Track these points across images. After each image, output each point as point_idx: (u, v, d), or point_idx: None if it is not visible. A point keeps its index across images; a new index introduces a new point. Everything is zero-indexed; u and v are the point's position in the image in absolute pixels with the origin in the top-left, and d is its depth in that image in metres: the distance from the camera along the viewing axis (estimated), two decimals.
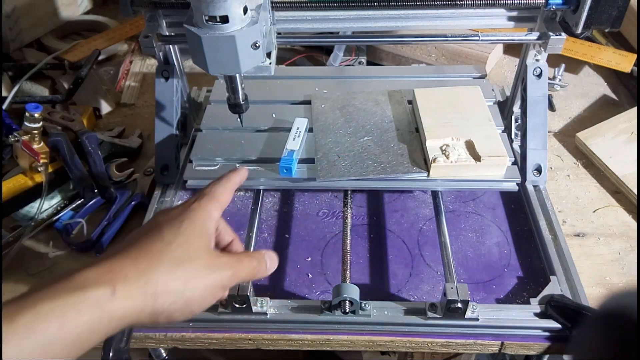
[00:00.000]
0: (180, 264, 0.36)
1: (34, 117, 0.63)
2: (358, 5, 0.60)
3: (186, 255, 0.36)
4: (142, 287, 0.33)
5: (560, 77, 0.86)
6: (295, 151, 0.63)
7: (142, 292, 0.33)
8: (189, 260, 0.36)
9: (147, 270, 0.34)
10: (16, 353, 0.28)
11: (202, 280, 0.37)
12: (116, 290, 0.32)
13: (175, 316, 0.36)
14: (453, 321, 0.51)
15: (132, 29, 0.97)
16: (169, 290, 0.35)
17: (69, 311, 0.30)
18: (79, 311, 0.30)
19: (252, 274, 0.41)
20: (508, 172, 0.61)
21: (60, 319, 0.30)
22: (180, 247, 0.36)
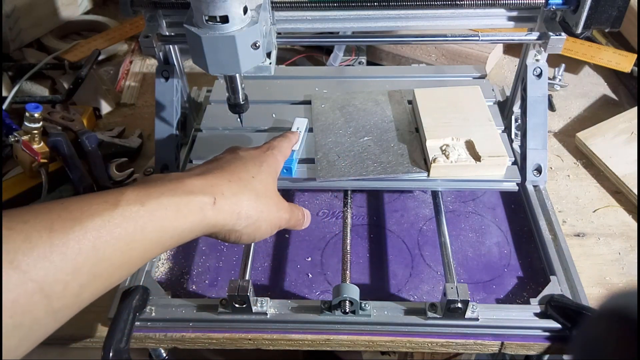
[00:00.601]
0: (260, 197, 0.43)
1: (34, 117, 0.63)
2: (358, 5, 0.60)
3: (264, 191, 0.44)
4: (232, 205, 0.40)
5: (560, 77, 0.86)
6: (296, 151, 0.63)
7: (232, 209, 0.40)
8: (265, 196, 0.43)
9: (237, 193, 0.41)
10: (139, 230, 0.34)
11: (271, 214, 0.44)
12: (216, 202, 0.39)
13: (244, 239, 0.42)
14: (453, 321, 0.51)
15: (132, 29, 0.97)
16: (248, 215, 0.41)
17: (182, 208, 0.37)
18: (190, 210, 0.37)
19: (298, 224, 0.49)
20: (508, 172, 0.61)
21: (176, 213, 0.36)
22: (261, 184, 0.44)
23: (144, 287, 0.53)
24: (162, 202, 0.36)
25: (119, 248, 0.33)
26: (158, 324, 0.53)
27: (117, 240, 0.33)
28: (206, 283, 0.58)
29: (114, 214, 0.33)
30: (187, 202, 0.37)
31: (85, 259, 0.31)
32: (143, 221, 0.34)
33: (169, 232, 0.36)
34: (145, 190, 0.36)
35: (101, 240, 0.32)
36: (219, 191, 0.40)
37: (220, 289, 0.58)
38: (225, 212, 0.39)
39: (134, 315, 0.50)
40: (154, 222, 0.35)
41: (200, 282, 0.58)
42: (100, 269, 0.32)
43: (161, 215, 0.35)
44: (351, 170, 0.61)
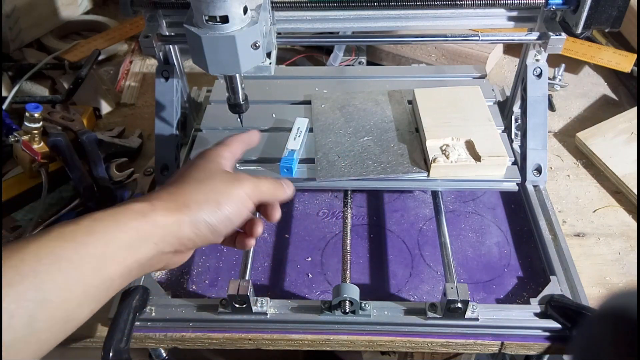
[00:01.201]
0: (203, 181, 0.42)
1: (34, 117, 0.63)
2: (358, 5, 0.59)
3: (205, 176, 0.43)
4: (174, 200, 0.40)
5: (560, 77, 0.86)
6: (296, 151, 0.63)
7: (174, 203, 0.39)
8: (209, 177, 0.42)
9: (176, 191, 0.41)
10: (82, 253, 0.33)
11: (225, 189, 0.42)
12: (154, 204, 0.38)
13: (216, 226, 0.40)
14: (453, 321, 0.51)
15: (132, 29, 0.97)
16: (197, 200, 0.40)
17: (120, 218, 0.36)
18: (128, 217, 0.36)
19: (273, 189, 0.46)
20: (508, 172, 0.61)
21: (114, 223, 0.36)
22: (200, 171, 0.43)
23: (144, 287, 0.53)
24: (95, 219, 0.36)
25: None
26: (158, 324, 0.53)
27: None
28: (206, 283, 0.58)
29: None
30: (123, 210, 0.37)
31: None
32: (79, 248, 0.34)
33: (114, 247, 0.35)
34: (74, 221, 0.35)
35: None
36: (155, 197, 0.40)
37: (220, 289, 0.58)
38: (170, 208, 0.39)
39: (134, 315, 0.50)
40: (93, 245, 0.35)
41: (200, 282, 0.58)
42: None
43: (100, 229, 0.36)
44: (351, 170, 0.61)
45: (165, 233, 0.38)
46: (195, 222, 0.39)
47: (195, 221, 0.39)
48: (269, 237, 0.63)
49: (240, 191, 0.42)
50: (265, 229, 0.64)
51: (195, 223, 0.39)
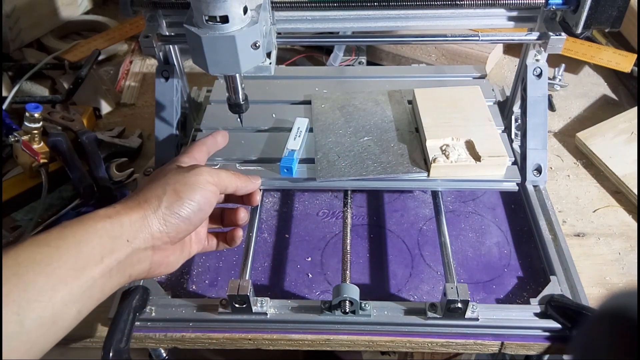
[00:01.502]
0: (159, 179, 0.43)
1: (34, 117, 0.63)
2: (358, 5, 0.59)
3: (161, 175, 0.44)
4: (133, 200, 0.41)
5: (560, 77, 0.86)
6: (296, 151, 0.63)
7: (135, 202, 0.41)
8: (164, 175, 0.44)
9: (135, 193, 0.42)
10: (57, 255, 0.35)
11: (182, 179, 0.43)
12: (116, 207, 0.40)
13: (182, 212, 0.42)
14: (453, 321, 0.51)
15: (132, 29, 0.97)
16: (156, 194, 0.41)
17: (87, 222, 0.38)
18: (94, 220, 0.38)
19: (234, 177, 0.48)
20: (508, 172, 0.61)
21: (83, 227, 0.37)
22: (156, 174, 0.45)
23: (144, 287, 0.53)
24: (65, 226, 0.37)
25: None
26: (158, 324, 0.53)
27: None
28: (206, 283, 0.58)
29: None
30: (89, 217, 0.39)
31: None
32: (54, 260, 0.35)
33: (87, 249, 0.37)
34: (38, 237, 0.36)
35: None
36: (118, 202, 0.41)
37: (220, 289, 0.58)
38: (131, 206, 0.41)
39: (134, 315, 0.50)
40: (67, 257, 0.36)
41: (200, 282, 0.58)
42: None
43: (69, 234, 0.37)
44: (351, 170, 0.61)
45: (135, 229, 0.39)
46: (160, 213, 0.41)
47: (159, 212, 0.41)
48: (269, 237, 0.63)
49: (199, 177, 0.44)
50: (265, 229, 0.64)
51: (160, 214, 0.41)
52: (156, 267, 0.43)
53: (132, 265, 0.39)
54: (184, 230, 0.42)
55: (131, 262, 0.39)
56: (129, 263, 0.39)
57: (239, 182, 0.48)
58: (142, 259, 0.40)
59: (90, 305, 0.37)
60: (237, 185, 0.48)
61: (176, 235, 0.42)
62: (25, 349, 0.32)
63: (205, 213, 0.44)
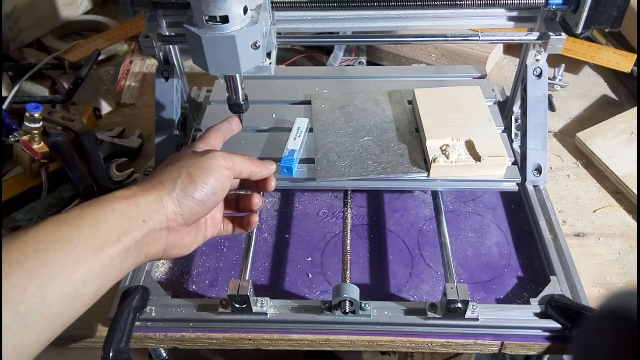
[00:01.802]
0: (174, 163, 0.44)
1: (34, 117, 0.63)
2: (358, 5, 0.59)
3: (176, 159, 0.45)
4: (149, 182, 0.42)
5: (560, 77, 0.86)
6: (296, 151, 0.63)
7: (150, 184, 0.42)
8: (179, 159, 0.44)
9: (151, 177, 0.43)
10: (77, 233, 0.36)
11: (196, 162, 0.44)
12: (132, 189, 0.41)
13: (196, 194, 0.42)
14: (453, 321, 0.51)
15: (132, 29, 0.97)
16: (171, 177, 0.42)
17: (105, 203, 0.39)
18: (112, 201, 0.39)
19: (248, 162, 0.48)
20: (508, 172, 0.61)
21: (100, 208, 0.38)
22: (171, 159, 0.45)
23: (144, 287, 0.53)
24: (83, 207, 0.39)
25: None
26: (158, 324, 0.53)
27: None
28: (206, 283, 0.58)
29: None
30: (106, 198, 0.40)
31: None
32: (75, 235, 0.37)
33: (104, 229, 0.38)
34: (64, 214, 0.38)
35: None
36: (133, 185, 0.42)
37: (220, 289, 0.58)
38: (147, 188, 0.41)
39: (134, 315, 0.50)
40: (86, 230, 0.37)
41: (200, 282, 0.58)
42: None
43: (88, 212, 0.38)
44: (351, 170, 0.61)
45: (150, 210, 0.40)
46: (175, 195, 0.41)
47: (174, 195, 0.41)
48: (269, 237, 0.63)
49: (212, 161, 0.44)
50: (265, 229, 0.64)
51: (175, 196, 0.41)
52: (171, 247, 0.43)
53: (148, 245, 0.40)
54: (198, 212, 0.43)
55: (147, 241, 0.40)
56: (145, 242, 0.40)
57: (254, 167, 0.48)
58: (158, 239, 0.41)
59: (108, 282, 0.38)
60: (252, 170, 0.48)
61: (190, 217, 0.43)
62: (48, 323, 0.33)
63: (219, 197, 0.45)
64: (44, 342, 0.34)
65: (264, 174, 0.50)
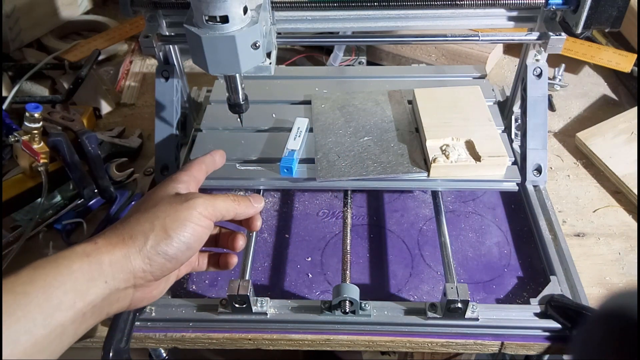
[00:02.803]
0: (148, 210, 0.40)
1: (34, 117, 0.63)
2: (358, 5, 0.59)
3: (152, 204, 0.40)
4: (119, 234, 0.38)
5: (560, 77, 0.86)
6: (296, 151, 0.63)
7: (119, 237, 0.37)
8: (155, 205, 0.40)
9: (121, 225, 0.39)
10: (23, 303, 0.32)
11: (173, 213, 0.39)
12: (97, 243, 0.37)
13: (169, 252, 0.38)
14: (453, 321, 0.51)
15: (132, 29, 0.97)
16: (143, 230, 0.38)
17: (62, 262, 0.34)
18: (71, 260, 0.35)
19: (231, 204, 0.43)
20: (508, 172, 0.61)
21: (56, 269, 0.34)
22: (148, 201, 0.41)
23: None
24: (37, 267, 0.35)
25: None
26: (158, 324, 0.53)
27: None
28: (206, 283, 0.58)
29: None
30: (65, 254, 0.36)
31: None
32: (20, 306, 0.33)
33: (59, 293, 0.34)
34: (12, 276, 0.34)
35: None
36: (100, 236, 0.38)
37: (220, 289, 0.58)
38: (114, 243, 0.37)
39: (134, 315, 0.50)
40: (36, 299, 0.33)
41: (200, 282, 0.58)
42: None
43: (40, 278, 0.34)
44: (351, 170, 0.61)
45: (115, 270, 0.36)
46: (145, 252, 0.37)
47: (144, 251, 0.37)
48: (269, 237, 0.63)
49: (192, 211, 0.40)
50: (265, 229, 0.64)
51: (145, 253, 0.37)
52: (137, 302, 0.40)
53: (110, 304, 0.37)
54: (169, 269, 0.39)
55: (109, 302, 0.36)
56: (107, 303, 0.36)
57: (239, 208, 0.44)
58: (122, 297, 0.38)
59: (59, 352, 0.35)
60: (237, 212, 0.44)
61: (161, 274, 0.39)
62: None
63: (194, 250, 0.41)
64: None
65: (250, 213, 0.45)
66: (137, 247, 0.37)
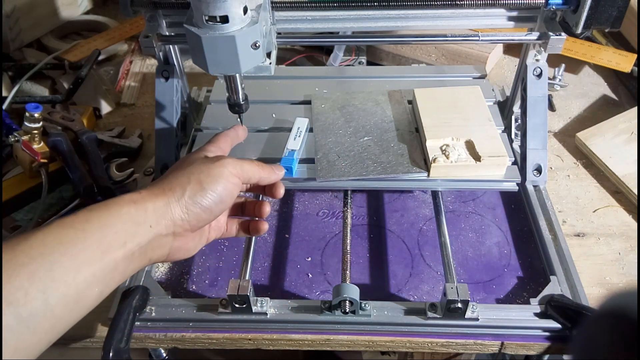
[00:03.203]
0: (185, 168, 0.45)
1: (34, 117, 0.63)
2: (358, 5, 0.59)
3: (187, 164, 0.45)
4: (159, 186, 0.42)
5: (560, 77, 0.86)
6: (296, 151, 0.63)
7: (160, 189, 0.42)
8: (190, 164, 0.45)
9: (161, 181, 0.44)
10: (82, 237, 0.36)
11: (206, 169, 0.44)
12: (142, 193, 0.41)
13: (203, 202, 0.43)
14: (453, 321, 0.51)
15: (132, 29, 0.97)
16: (181, 182, 0.43)
17: (113, 206, 0.39)
18: (120, 205, 0.39)
19: (257, 168, 0.48)
20: (508, 172, 0.61)
21: (107, 211, 0.38)
22: (183, 162, 0.46)
23: (144, 287, 0.53)
24: (92, 210, 0.39)
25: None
26: (158, 324, 0.53)
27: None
28: (206, 283, 0.58)
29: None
30: (115, 201, 0.40)
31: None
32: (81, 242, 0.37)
33: (111, 232, 0.38)
34: (71, 217, 0.38)
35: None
36: (144, 189, 0.43)
37: (220, 289, 0.58)
38: (156, 194, 0.41)
39: (134, 315, 0.50)
40: (93, 234, 0.37)
41: (200, 282, 0.58)
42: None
43: (95, 217, 0.38)
44: (351, 170, 0.61)
45: (158, 216, 0.40)
46: (183, 202, 0.42)
47: (182, 201, 0.42)
48: (269, 237, 0.63)
49: (222, 169, 0.44)
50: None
51: (183, 203, 0.42)
52: (175, 252, 0.44)
53: (153, 249, 0.41)
54: (205, 219, 0.44)
55: (152, 247, 0.40)
56: (150, 248, 0.40)
57: (263, 173, 0.49)
58: (163, 244, 0.42)
59: (112, 286, 0.38)
60: (261, 176, 0.49)
61: (197, 224, 0.43)
62: (49, 325, 0.34)
63: (226, 205, 0.45)
64: (44, 343, 0.34)
65: (272, 180, 0.50)
66: (176, 197, 0.42)
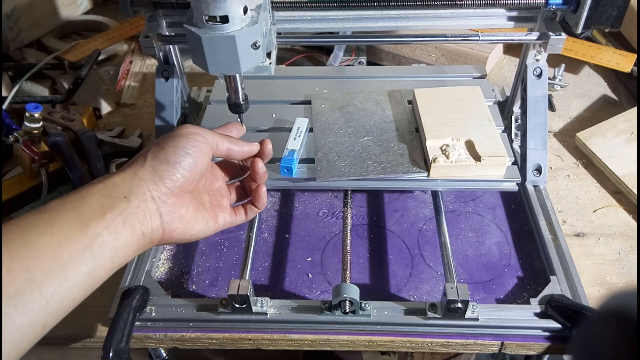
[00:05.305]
0: (163, 142, 0.45)
1: (34, 117, 0.63)
2: (358, 5, 0.60)
3: (168, 138, 0.45)
4: (126, 165, 0.44)
5: (560, 77, 0.86)
6: (296, 151, 0.63)
7: (126, 165, 0.43)
8: (170, 138, 0.45)
9: (141, 155, 0.44)
10: (57, 222, 0.37)
11: (165, 136, 0.45)
12: (109, 174, 0.42)
13: (169, 158, 0.43)
14: (453, 321, 0.51)
15: (132, 29, 0.97)
16: (142, 153, 0.44)
17: (82, 190, 0.40)
18: (89, 186, 0.40)
19: (222, 137, 0.48)
20: (508, 172, 0.61)
21: (78, 194, 0.39)
22: (163, 139, 0.45)
23: (144, 287, 0.53)
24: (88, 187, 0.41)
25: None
26: (158, 324, 0.53)
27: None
28: (206, 283, 0.58)
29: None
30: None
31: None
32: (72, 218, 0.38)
33: (112, 186, 0.41)
34: (65, 196, 0.40)
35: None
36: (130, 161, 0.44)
37: (220, 289, 0.58)
38: (136, 166, 0.43)
39: (134, 315, 0.50)
40: (82, 206, 0.39)
41: (200, 282, 0.58)
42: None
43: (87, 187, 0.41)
44: (351, 170, 0.61)
45: (129, 186, 0.41)
46: (148, 165, 0.43)
47: (147, 165, 0.43)
48: (269, 237, 0.63)
49: (181, 130, 0.45)
50: (265, 229, 0.64)
51: (149, 166, 0.43)
52: (171, 221, 0.43)
53: (138, 220, 0.40)
54: (180, 178, 0.43)
55: (137, 216, 0.40)
56: (135, 217, 0.40)
57: (232, 144, 0.48)
58: (147, 212, 0.41)
59: (104, 263, 0.38)
60: (229, 146, 0.48)
61: (173, 184, 0.43)
62: (39, 305, 0.33)
63: (196, 159, 0.44)
64: (39, 325, 0.34)
65: (245, 151, 0.50)
66: (140, 163, 0.43)
